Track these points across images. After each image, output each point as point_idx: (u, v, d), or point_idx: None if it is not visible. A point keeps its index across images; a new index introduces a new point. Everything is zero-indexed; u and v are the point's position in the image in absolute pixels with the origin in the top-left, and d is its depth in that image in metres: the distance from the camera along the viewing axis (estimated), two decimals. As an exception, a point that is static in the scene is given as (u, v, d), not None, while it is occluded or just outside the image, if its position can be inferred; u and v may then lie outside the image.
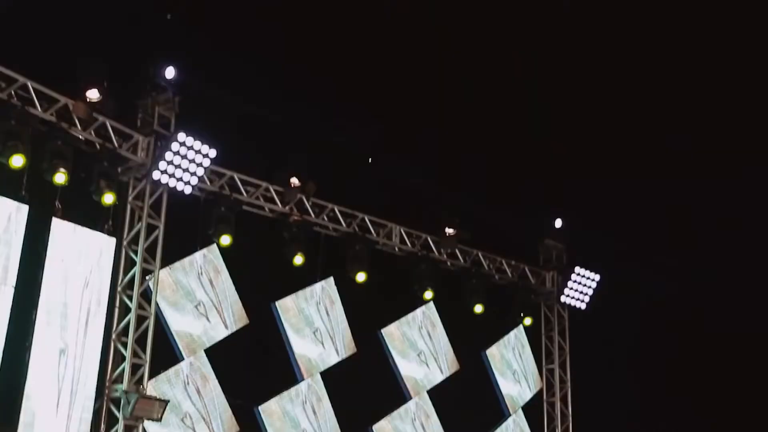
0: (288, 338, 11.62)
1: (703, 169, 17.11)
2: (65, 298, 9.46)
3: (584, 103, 15.90)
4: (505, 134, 15.49)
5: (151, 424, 9.95)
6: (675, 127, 16.77)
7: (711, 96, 16.30)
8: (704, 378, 19.22)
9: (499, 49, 15.17)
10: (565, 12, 15.15)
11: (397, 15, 13.96)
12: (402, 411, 12.71)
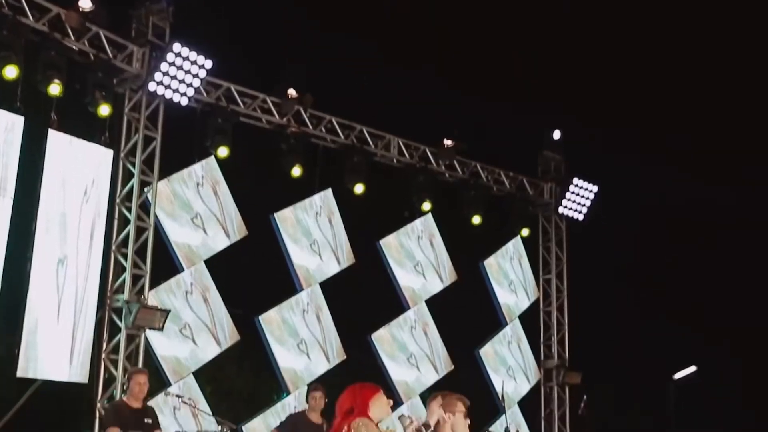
0: (287, 249, 11.71)
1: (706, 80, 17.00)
2: (64, 209, 9.50)
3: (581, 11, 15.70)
4: (505, 43, 15.34)
5: (153, 334, 10.11)
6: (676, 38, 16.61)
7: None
8: (702, 287, 19.42)
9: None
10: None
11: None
12: (401, 320, 12.90)
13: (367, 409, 4.59)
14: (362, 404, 4.60)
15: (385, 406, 4.67)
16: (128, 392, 7.87)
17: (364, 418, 4.52)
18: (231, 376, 14.14)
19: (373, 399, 4.63)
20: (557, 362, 14.63)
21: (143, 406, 7.94)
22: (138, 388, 7.79)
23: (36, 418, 11.40)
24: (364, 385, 4.75)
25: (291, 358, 11.45)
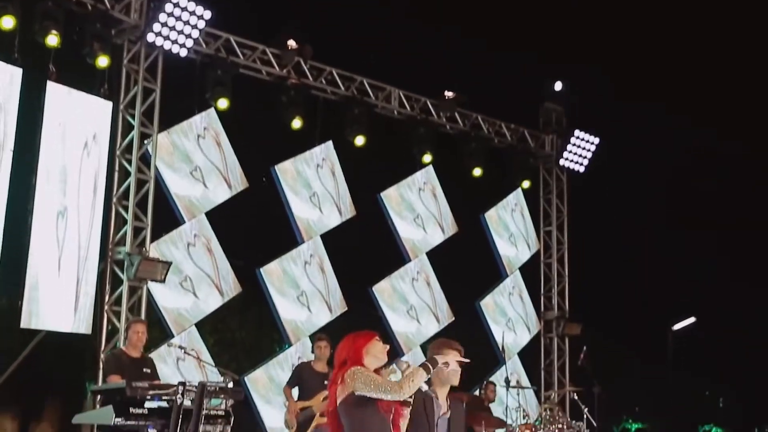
0: (287, 201, 11.72)
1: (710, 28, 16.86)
2: (64, 162, 9.49)
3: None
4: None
5: (155, 286, 10.16)
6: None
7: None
8: (701, 237, 19.46)
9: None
10: None
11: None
12: (401, 272, 12.95)
13: (361, 358, 4.59)
14: (356, 354, 4.60)
15: (380, 353, 4.65)
16: (127, 341, 7.92)
17: (358, 366, 4.52)
18: (233, 327, 14.24)
19: (366, 347, 4.61)
20: (557, 313, 14.72)
21: (142, 355, 8.01)
22: (137, 337, 7.85)
23: (41, 369, 11.52)
24: (358, 334, 4.74)
25: (292, 309, 11.53)
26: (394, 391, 4.44)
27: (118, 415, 6.93)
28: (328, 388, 4.64)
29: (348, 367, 4.53)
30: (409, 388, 4.45)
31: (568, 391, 13.20)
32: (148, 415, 7.16)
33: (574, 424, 10.48)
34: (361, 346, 4.60)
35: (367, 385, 4.44)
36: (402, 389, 4.43)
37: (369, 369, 4.54)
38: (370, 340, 4.66)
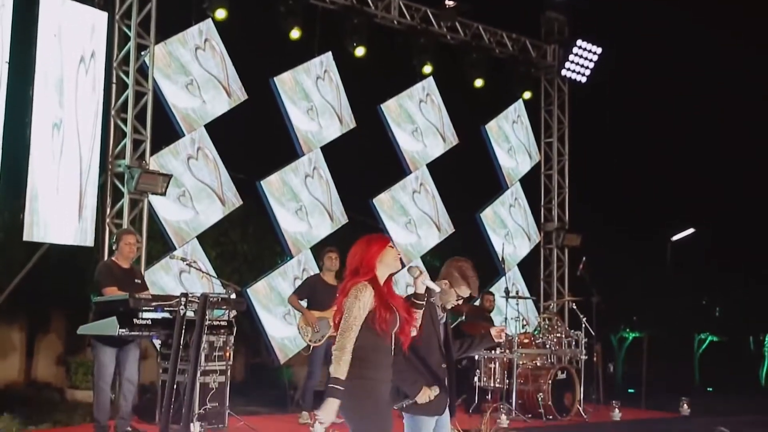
0: (287, 113, 11.65)
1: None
2: (61, 74, 9.39)
3: None
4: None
5: (156, 199, 10.18)
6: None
7: None
8: (702, 149, 19.40)
9: None
10: None
11: None
12: (402, 184, 12.96)
13: (374, 267, 4.52)
14: (369, 263, 4.53)
15: (393, 261, 4.58)
16: (118, 252, 7.95)
17: (365, 282, 4.47)
18: (235, 240, 14.29)
19: (380, 256, 4.54)
20: (557, 225, 14.80)
21: (131, 266, 8.07)
22: (128, 249, 7.90)
23: (45, 282, 11.63)
24: (372, 239, 4.65)
25: (293, 221, 11.58)
26: (339, 346, 4.37)
27: (122, 326, 7.04)
28: (337, 298, 4.61)
29: (359, 278, 4.49)
30: (337, 362, 4.36)
31: (566, 301, 13.38)
32: (151, 326, 7.28)
33: (572, 334, 10.66)
34: (374, 255, 4.53)
35: (345, 313, 4.42)
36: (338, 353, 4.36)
37: (379, 281, 4.51)
38: (384, 248, 4.57)
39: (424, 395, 5.00)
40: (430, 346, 5.20)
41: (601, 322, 11.13)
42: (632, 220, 19.31)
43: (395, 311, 4.51)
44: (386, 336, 4.48)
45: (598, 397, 11.32)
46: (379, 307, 4.44)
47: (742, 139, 19.43)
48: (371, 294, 4.43)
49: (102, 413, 7.47)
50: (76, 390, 11.73)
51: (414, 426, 5.18)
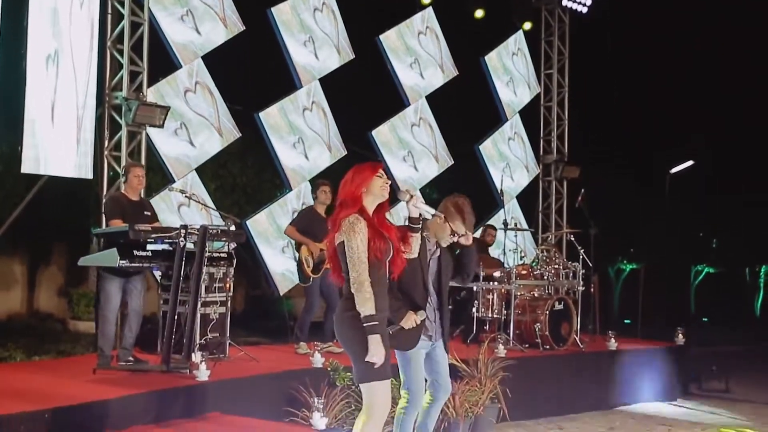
0: (285, 45, 11.53)
1: None
2: (55, 4, 9.26)
3: None
4: None
5: (154, 131, 10.14)
6: None
7: None
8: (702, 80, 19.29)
9: None
10: None
11: None
12: (401, 116, 12.91)
13: (360, 198, 4.52)
14: (354, 194, 4.53)
15: (379, 191, 4.57)
16: (126, 185, 7.97)
17: (355, 214, 4.47)
18: (234, 172, 14.31)
19: (366, 186, 4.53)
20: (556, 157, 14.78)
21: (141, 198, 8.09)
22: (137, 181, 7.91)
23: (45, 214, 11.68)
24: (360, 168, 4.63)
25: (292, 154, 11.56)
26: (358, 283, 4.37)
27: (123, 257, 7.09)
28: (329, 232, 4.62)
29: (348, 210, 4.49)
30: (362, 299, 4.36)
31: (565, 233, 13.44)
32: (152, 257, 7.34)
33: (570, 265, 10.72)
34: (359, 186, 4.53)
35: (348, 251, 4.43)
36: (362, 291, 4.36)
37: (369, 213, 4.51)
38: (370, 178, 4.57)
39: (408, 320, 5.06)
40: (415, 279, 5.24)
41: (598, 254, 11.20)
42: (631, 152, 19.31)
43: (388, 240, 4.53)
44: (381, 265, 4.50)
45: (595, 328, 11.46)
46: (372, 238, 4.45)
47: (743, 70, 19.29)
48: (364, 225, 4.44)
49: (106, 343, 7.57)
50: (78, 321, 11.88)
51: (402, 360, 5.28)
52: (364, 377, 4.47)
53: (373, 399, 4.46)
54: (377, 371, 4.42)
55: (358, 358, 4.48)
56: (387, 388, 4.50)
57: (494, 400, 8.47)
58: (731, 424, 9.48)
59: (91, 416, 5.96)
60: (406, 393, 5.29)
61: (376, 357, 4.37)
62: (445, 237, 5.37)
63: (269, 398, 7.28)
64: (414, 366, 5.24)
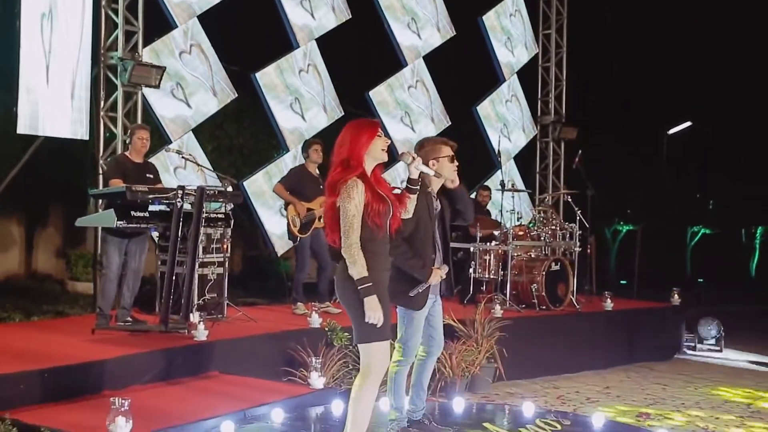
0: (281, 4, 11.43)
1: None
2: (49, -37, 9.17)
3: None
4: None
5: (150, 91, 10.08)
6: None
7: None
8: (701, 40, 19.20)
9: None
10: None
11: None
12: (398, 76, 12.83)
13: (362, 161, 4.48)
14: (357, 157, 4.48)
15: (380, 153, 4.55)
16: (130, 147, 7.96)
17: (355, 178, 4.43)
18: (231, 134, 14.26)
19: (367, 150, 4.50)
20: (554, 117, 14.74)
21: (144, 160, 8.08)
22: (141, 143, 7.89)
23: (42, 175, 11.66)
24: (361, 129, 4.57)
25: (288, 114, 11.51)
26: (347, 246, 4.39)
27: (120, 218, 7.09)
28: (326, 192, 4.59)
29: (349, 174, 4.44)
30: (351, 263, 4.38)
31: (562, 194, 13.44)
32: (149, 218, 7.33)
33: (566, 226, 10.74)
34: (363, 148, 4.49)
35: (343, 216, 4.42)
36: (349, 255, 4.39)
37: (368, 176, 4.51)
38: (372, 140, 4.53)
39: (435, 276, 5.11)
40: (426, 236, 5.28)
41: (595, 215, 11.22)
42: (630, 112, 19.26)
43: (387, 201, 4.53)
44: (381, 228, 4.50)
45: (591, 288, 11.53)
46: (371, 201, 4.43)
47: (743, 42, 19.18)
48: (363, 189, 4.41)
49: (106, 302, 7.60)
50: (76, 282, 11.90)
51: (407, 318, 5.30)
52: (363, 338, 4.50)
53: (371, 359, 4.50)
54: (376, 332, 4.45)
55: (357, 319, 4.50)
56: (385, 349, 4.53)
57: (491, 359, 8.54)
58: (726, 384, 9.58)
59: (89, 376, 6.00)
60: (400, 346, 5.33)
61: (373, 318, 4.39)
62: (443, 170, 5.37)
63: (267, 358, 7.33)
64: (416, 324, 5.28)
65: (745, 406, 8.40)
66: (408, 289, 5.18)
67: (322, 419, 5.86)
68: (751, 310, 16.16)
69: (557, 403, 8.19)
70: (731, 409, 8.23)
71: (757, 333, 13.56)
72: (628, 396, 8.71)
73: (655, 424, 7.32)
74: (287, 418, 5.69)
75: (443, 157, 5.37)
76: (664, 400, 8.55)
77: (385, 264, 4.53)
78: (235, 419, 5.44)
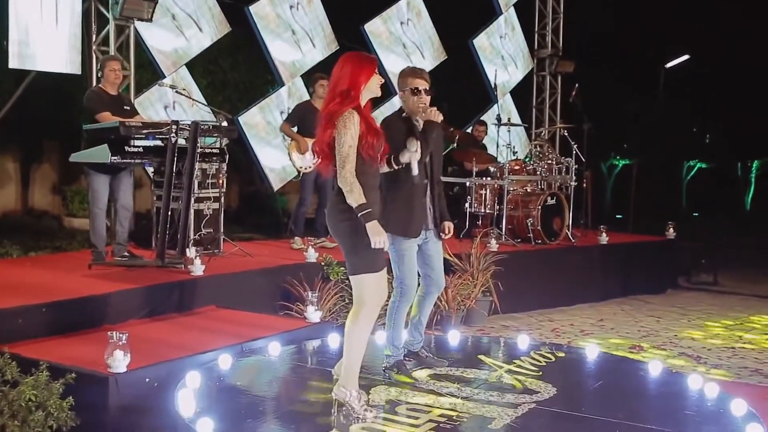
0: (274, -65, 11.23)
1: None
2: None
3: None
4: None
5: (143, 25, 9.94)
6: None
7: None
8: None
9: None
10: None
11: None
12: (394, 9, 12.66)
13: (360, 95, 4.47)
14: (356, 89, 4.46)
15: (376, 88, 4.55)
16: (103, 80, 7.78)
17: (351, 109, 4.41)
18: (225, 68, 14.14)
19: (366, 85, 4.49)
20: (551, 51, 14.60)
21: (119, 93, 7.96)
22: (114, 75, 7.72)
23: (36, 111, 11.59)
24: (361, 64, 4.55)
25: (284, 49, 11.39)
26: (343, 176, 4.39)
27: (114, 153, 7.05)
28: (321, 122, 4.52)
29: (346, 105, 4.42)
30: (349, 191, 4.38)
31: (558, 128, 13.39)
32: (143, 153, 7.29)
33: (563, 160, 10.73)
34: (361, 82, 4.47)
35: (339, 146, 4.40)
36: (346, 183, 4.39)
37: (354, 123, 4.40)
38: (371, 75, 4.52)
39: (412, 143, 4.95)
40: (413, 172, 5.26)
41: (591, 149, 11.19)
42: (627, 46, 19.08)
43: (380, 134, 4.52)
44: (374, 161, 4.50)
45: (587, 222, 11.54)
46: (366, 134, 4.42)
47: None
48: (358, 121, 4.40)
49: (98, 239, 7.60)
50: (73, 218, 11.93)
51: (394, 255, 5.31)
52: (355, 270, 4.51)
53: (363, 291, 4.52)
54: (368, 263, 4.46)
55: (349, 250, 4.51)
56: (378, 280, 4.54)
57: (486, 293, 8.60)
58: (719, 315, 9.68)
59: (87, 310, 6.04)
60: (398, 286, 5.36)
61: (378, 242, 4.39)
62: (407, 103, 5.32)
63: (264, 293, 7.37)
64: (406, 261, 5.28)
65: (737, 337, 8.49)
66: (398, 217, 5.16)
67: (319, 352, 5.92)
68: (746, 242, 16.25)
69: (552, 335, 8.28)
70: (723, 340, 8.33)
71: (751, 265, 13.66)
72: (622, 328, 8.80)
73: (648, 355, 7.42)
74: (284, 352, 5.75)
75: (408, 89, 5.29)
76: (658, 332, 8.65)
77: (375, 197, 4.52)
78: (232, 353, 5.49)
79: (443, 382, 5.24)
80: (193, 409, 4.39)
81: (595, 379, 5.73)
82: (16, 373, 4.46)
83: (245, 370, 5.36)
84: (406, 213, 5.21)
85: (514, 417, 4.62)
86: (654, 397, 5.31)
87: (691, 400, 5.13)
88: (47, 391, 4.41)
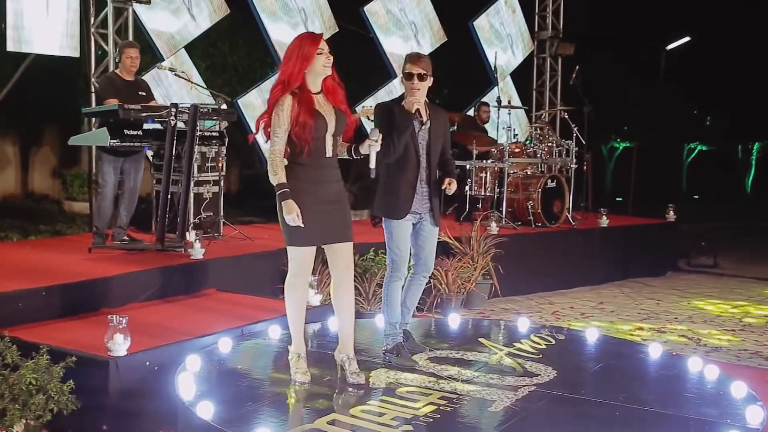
0: None
1: None
2: None
3: None
4: None
5: (141, 7, 9.89)
6: None
7: None
8: None
9: None
10: None
11: None
12: (393, -9, 12.61)
13: (301, 79, 4.65)
14: (296, 77, 4.64)
15: (321, 69, 4.65)
16: (120, 66, 7.83)
17: (288, 95, 4.61)
18: (225, 51, 14.09)
19: (307, 70, 4.63)
20: (551, 33, 14.52)
21: (136, 78, 7.96)
22: (130, 62, 7.75)
23: (35, 94, 11.56)
24: (301, 46, 4.65)
25: (283, 31, 11.33)
26: (268, 157, 4.81)
27: (113, 136, 7.04)
28: (267, 110, 4.74)
29: (284, 92, 4.62)
30: (270, 171, 4.79)
31: (559, 111, 13.35)
32: (143, 136, 7.28)
33: (563, 143, 10.70)
34: (302, 67, 4.62)
35: (271, 127, 4.72)
36: (270, 164, 4.79)
37: (284, 107, 4.61)
38: (312, 57, 4.62)
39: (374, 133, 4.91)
40: (407, 156, 5.24)
41: (592, 132, 11.17)
42: (628, 27, 19.00)
43: (320, 117, 4.65)
44: (306, 142, 4.65)
45: (587, 205, 11.54)
46: (298, 117, 4.61)
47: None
48: (289, 106, 4.61)
49: (102, 221, 7.60)
50: (73, 202, 11.92)
51: (386, 231, 5.33)
52: (285, 241, 4.82)
53: (290, 262, 4.82)
54: (290, 237, 4.75)
55: (280, 223, 4.81)
56: (302, 255, 4.78)
57: (486, 276, 8.61)
58: (719, 298, 9.69)
59: (87, 294, 6.04)
60: (389, 263, 5.36)
61: (290, 220, 4.67)
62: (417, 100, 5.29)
63: (263, 276, 7.37)
64: (395, 237, 5.27)
65: (737, 320, 8.50)
66: (383, 199, 5.23)
67: (319, 335, 5.92)
68: (746, 225, 16.25)
69: (552, 318, 8.29)
70: (723, 323, 8.34)
71: (751, 247, 13.66)
72: (623, 311, 8.81)
73: (648, 337, 7.43)
74: (284, 335, 5.75)
75: (403, 74, 5.28)
76: (658, 314, 8.66)
77: (312, 175, 4.74)
78: (232, 336, 5.50)
79: (443, 365, 5.25)
80: (193, 393, 4.39)
81: (595, 361, 5.73)
82: (16, 357, 4.47)
83: (245, 354, 5.37)
84: (392, 197, 5.28)
85: (515, 400, 4.63)
86: (654, 379, 5.32)
87: (691, 382, 5.14)
88: (48, 375, 4.41)
